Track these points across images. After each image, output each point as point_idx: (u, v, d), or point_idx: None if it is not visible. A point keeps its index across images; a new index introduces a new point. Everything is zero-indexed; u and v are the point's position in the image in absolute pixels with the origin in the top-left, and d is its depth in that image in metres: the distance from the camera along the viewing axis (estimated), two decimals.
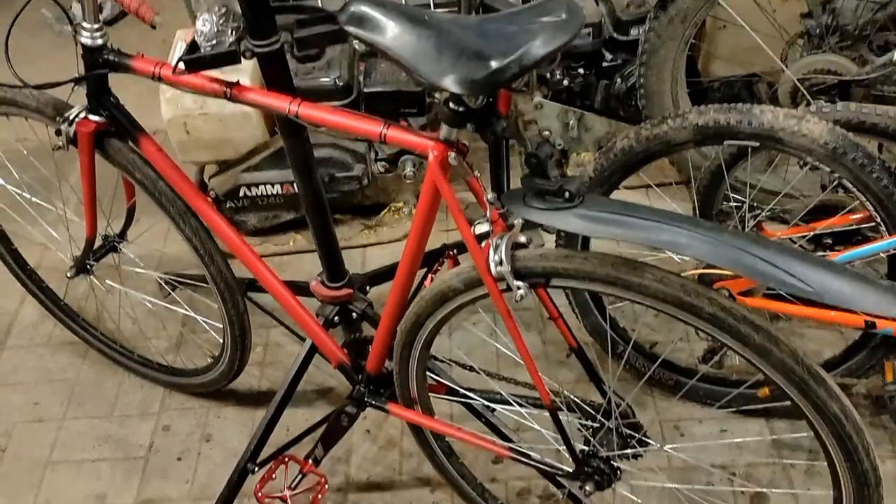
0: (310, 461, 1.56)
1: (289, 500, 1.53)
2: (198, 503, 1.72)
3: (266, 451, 1.60)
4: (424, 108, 2.06)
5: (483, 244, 1.14)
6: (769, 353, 1.02)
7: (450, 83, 0.94)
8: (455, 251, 1.75)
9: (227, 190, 2.15)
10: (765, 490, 1.59)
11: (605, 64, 2.18)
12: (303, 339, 1.95)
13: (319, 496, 1.56)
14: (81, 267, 1.71)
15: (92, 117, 1.40)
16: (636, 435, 1.28)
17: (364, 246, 2.25)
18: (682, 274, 1.45)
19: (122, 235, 1.73)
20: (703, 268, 1.55)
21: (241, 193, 2.15)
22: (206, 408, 1.90)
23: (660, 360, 1.68)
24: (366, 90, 2.07)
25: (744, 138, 1.44)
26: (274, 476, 1.57)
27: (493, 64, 0.92)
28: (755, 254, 0.95)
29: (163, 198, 1.45)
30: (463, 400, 1.48)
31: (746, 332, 1.02)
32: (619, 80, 2.18)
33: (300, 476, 1.55)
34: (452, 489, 1.59)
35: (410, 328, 1.30)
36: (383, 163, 2.17)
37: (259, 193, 2.15)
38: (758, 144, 1.45)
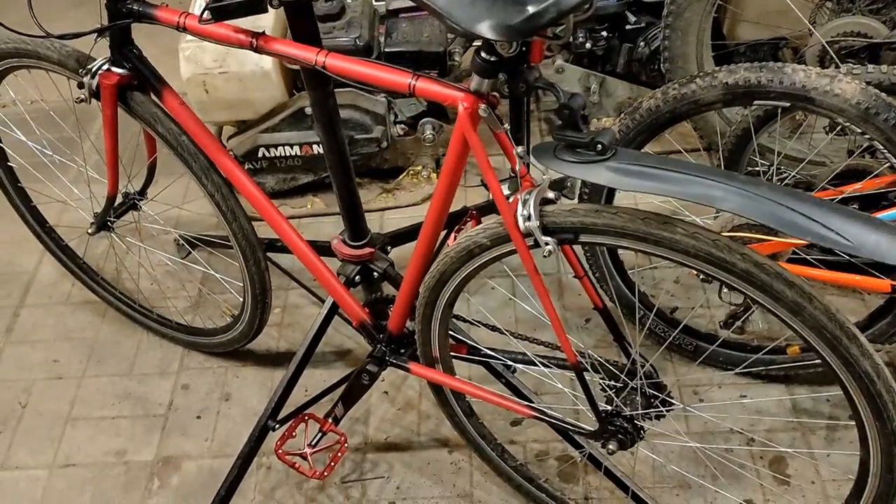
0: (329, 420, 1.57)
1: (309, 458, 1.53)
2: (217, 460, 1.73)
3: (285, 411, 1.60)
4: (446, 68, 2.03)
5: (511, 199, 1.12)
6: (802, 310, 1.00)
7: (485, 29, 0.93)
8: (477, 212, 1.73)
9: (245, 151, 2.14)
10: (787, 450, 1.59)
11: (628, 27, 2.15)
12: (321, 301, 1.95)
13: (339, 454, 1.56)
14: (102, 224, 1.71)
15: (115, 69, 1.39)
16: (660, 395, 1.27)
17: (382, 209, 2.24)
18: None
19: (142, 193, 1.72)
20: (730, 230, 1.54)
21: (260, 154, 2.14)
22: (225, 368, 1.91)
23: (681, 326, 1.67)
24: (386, 50, 2.04)
25: (774, 98, 1.42)
26: (294, 434, 1.57)
27: (530, 8, 0.89)
28: (792, 207, 0.94)
29: (185, 152, 1.44)
30: (484, 360, 1.48)
31: (779, 287, 1.00)
32: (642, 43, 2.15)
33: (320, 434, 1.56)
34: (472, 450, 1.59)
35: (434, 285, 1.29)
36: (402, 125, 2.16)
37: (277, 155, 2.14)
38: (788, 105, 1.43)
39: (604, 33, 2.16)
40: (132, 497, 1.69)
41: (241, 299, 1.70)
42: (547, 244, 1.10)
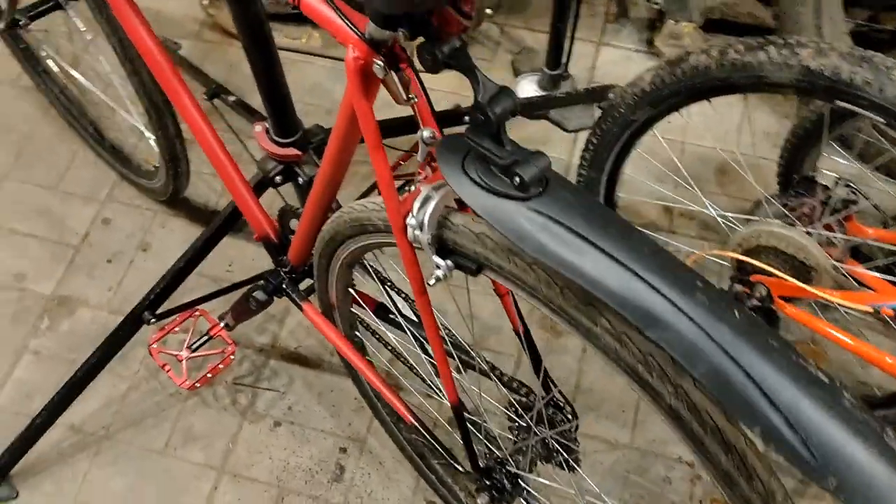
0: (222, 324, 1.35)
1: (184, 363, 1.33)
2: (113, 316, 1.55)
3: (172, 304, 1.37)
4: None
5: (413, 190, 0.79)
6: (735, 485, 0.69)
7: None
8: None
9: None
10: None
11: None
12: None
13: (220, 366, 1.35)
14: (11, 22, 1.41)
15: None
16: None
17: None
18: (711, 252, 1.10)
19: None
20: (743, 252, 1.17)
21: None
22: (154, 212, 1.68)
23: None
24: None
25: (865, 107, 0.99)
26: (176, 330, 1.36)
27: None
28: (733, 356, 0.60)
29: None
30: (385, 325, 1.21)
31: (713, 448, 0.69)
32: None
33: (206, 338, 1.34)
34: (369, 408, 1.37)
35: (328, 242, 1.01)
36: None
37: None
38: (884, 122, 1.00)
39: None
40: (17, 330, 1.55)
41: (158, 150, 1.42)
42: (438, 267, 0.79)
